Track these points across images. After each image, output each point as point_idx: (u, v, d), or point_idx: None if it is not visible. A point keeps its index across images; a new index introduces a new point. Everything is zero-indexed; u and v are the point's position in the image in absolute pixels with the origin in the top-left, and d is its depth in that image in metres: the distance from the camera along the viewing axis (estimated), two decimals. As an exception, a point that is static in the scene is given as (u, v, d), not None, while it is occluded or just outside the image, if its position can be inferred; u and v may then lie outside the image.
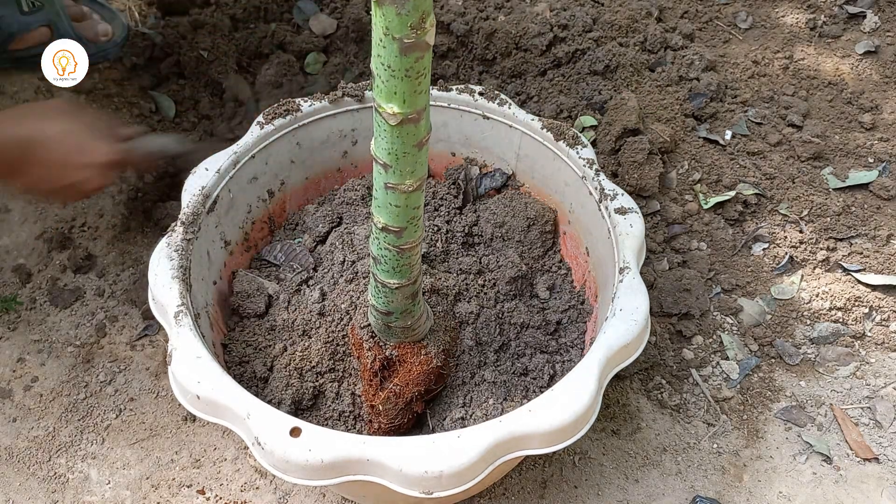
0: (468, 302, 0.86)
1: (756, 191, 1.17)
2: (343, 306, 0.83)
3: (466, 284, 0.87)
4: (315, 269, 0.92)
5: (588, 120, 1.19)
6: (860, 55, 1.36)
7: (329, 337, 0.82)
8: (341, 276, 0.88)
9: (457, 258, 0.92)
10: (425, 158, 0.58)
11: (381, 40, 0.48)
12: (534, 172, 0.99)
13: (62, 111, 0.94)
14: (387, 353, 0.77)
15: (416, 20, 0.47)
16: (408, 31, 0.47)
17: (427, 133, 0.56)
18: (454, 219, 0.96)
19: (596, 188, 0.88)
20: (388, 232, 0.63)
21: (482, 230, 0.97)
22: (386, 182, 0.58)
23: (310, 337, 0.83)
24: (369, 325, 0.77)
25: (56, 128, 0.90)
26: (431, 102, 0.99)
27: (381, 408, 0.78)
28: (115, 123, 0.98)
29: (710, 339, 1.05)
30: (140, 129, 1.01)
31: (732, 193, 1.16)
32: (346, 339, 0.82)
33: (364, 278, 0.85)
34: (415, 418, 0.82)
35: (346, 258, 0.89)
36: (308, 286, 0.89)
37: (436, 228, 0.93)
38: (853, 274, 1.10)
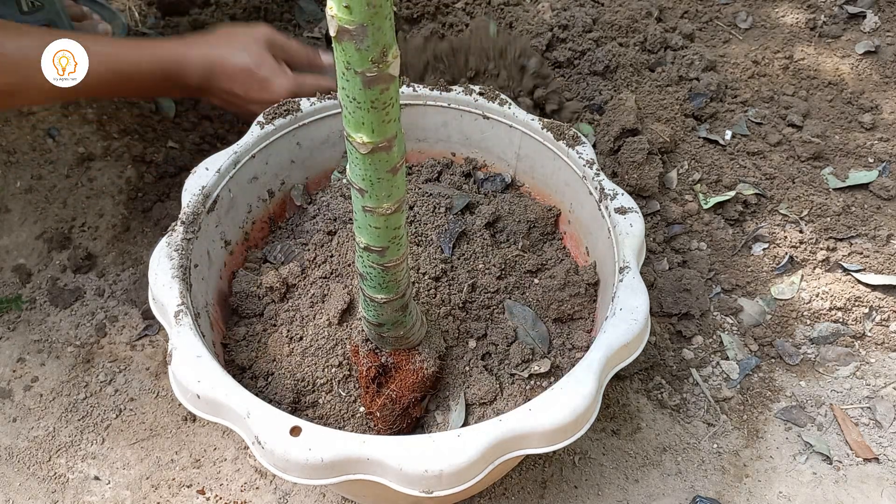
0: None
1: (756, 191, 1.17)
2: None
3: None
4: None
5: (585, 128, 1.19)
6: (860, 55, 1.36)
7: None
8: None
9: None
10: (401, 181, 0.57)
11: (343, 74, 0.48)
12: (534, 172, 0.99)
13: (258, 40, 1.02)
14: (382, 360, 0.77)
15: (376, 54, 0.46)
16: (369, 65, 0.46)
17: (400, 158, 0.55)
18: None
19: (596, 188, 0.88)
20: (370, 251, 0.63)
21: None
22: (363, 205, 0.58)
23: (310, 336, 0.83)
24: (363, 332, 0.77)
25: (241, 60, 0.99)
26: (431, 102, 1.00)
27: (378, 414, 0.78)
28: (305, 54, 1.08)
29: (710, 339, 1.05)
30: (328, 60, 1.10)
31: (732, 193, 1.16)
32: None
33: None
34: (414, 422, 0.82)
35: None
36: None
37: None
38: (853, 274, 1.10)
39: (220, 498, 0.91)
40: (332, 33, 0.45)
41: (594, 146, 1.16)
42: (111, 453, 0.95)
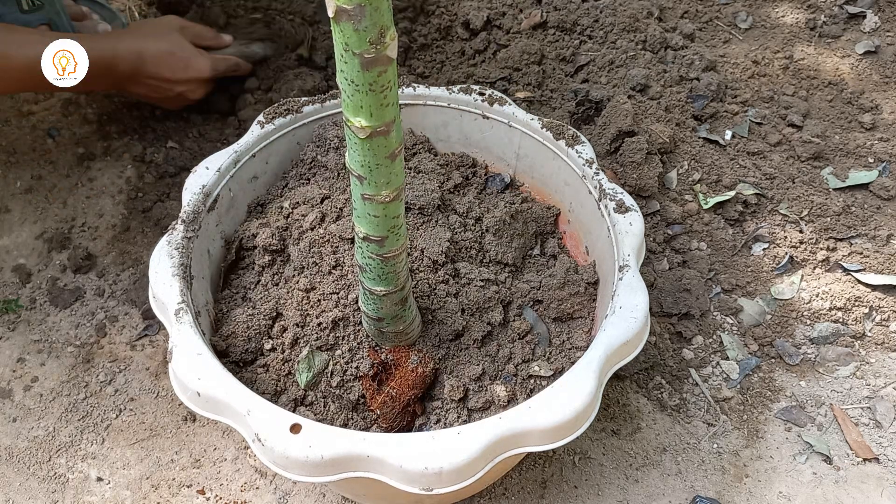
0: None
1: (756, 191, 1.17)
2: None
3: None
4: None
5: None
6: (860, 55, 1.36)
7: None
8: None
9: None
10: (400, 169, 0.57)
11: (342, 56, 0.48)
12: (533, 172, 0.99)
13: (172, 28, 1.16)
14: (382, 358, 0.77)
15: (374, 35, 0.46)
16: (367, 46, 0.46)
17: (399, 144, 0.55)
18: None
19: (595, 187, 0.88)
20: (369, 241, 0.62)
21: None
22: (362, 193, 0.58)
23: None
24: (364, 329, 0.77)
25: (164, 46, 1.13)
26: (431, 102, 1.00)
27: (378, 412, 0.78)
28: (211, 35, 1.23)
29: (710, 339, 1.05)
30: (228, 38, 1.26)
31: (732, 193, 1.16)
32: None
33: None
34: (414, 419, 0.82)
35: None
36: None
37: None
38: (853, 274, 1.10)
39: (220, 498, 0.91)
40: (330, 14, 0.45)
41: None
42: (111, 453, 0.95)
